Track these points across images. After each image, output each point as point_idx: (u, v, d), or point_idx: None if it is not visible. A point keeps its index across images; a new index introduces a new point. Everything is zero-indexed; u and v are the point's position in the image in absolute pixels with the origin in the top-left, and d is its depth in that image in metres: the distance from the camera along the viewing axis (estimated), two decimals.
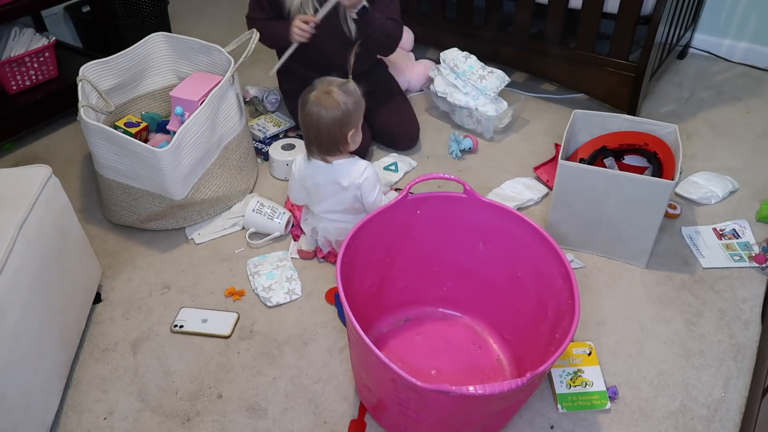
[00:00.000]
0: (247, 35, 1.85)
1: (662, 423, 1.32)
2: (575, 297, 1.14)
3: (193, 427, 1.33)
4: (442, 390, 0.98)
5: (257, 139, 2.15)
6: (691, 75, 2.51)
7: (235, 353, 1.48)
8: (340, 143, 1.51)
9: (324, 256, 1.70)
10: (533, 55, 2.28)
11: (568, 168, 1.58)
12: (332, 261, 1.70)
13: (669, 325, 1.52)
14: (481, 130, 2.18)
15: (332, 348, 1.49)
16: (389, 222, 1.34)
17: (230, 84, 1.80)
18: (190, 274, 1.69)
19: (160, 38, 1.95)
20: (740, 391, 1.37)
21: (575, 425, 1.32)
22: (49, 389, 1.30)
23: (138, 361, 1.47)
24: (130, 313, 1.59)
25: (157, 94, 2.05)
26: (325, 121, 1.46)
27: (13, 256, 1.18)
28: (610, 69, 2.14)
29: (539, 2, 2.18)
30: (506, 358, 1.42)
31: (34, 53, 2.17)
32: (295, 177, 1.63)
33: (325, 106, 1.45)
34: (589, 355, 1.42)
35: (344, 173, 1.53)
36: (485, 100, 2.10)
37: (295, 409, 1.36)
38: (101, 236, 1.82)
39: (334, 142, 1.50)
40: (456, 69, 2.13)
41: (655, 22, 1.97)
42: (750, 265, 1.66)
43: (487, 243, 1.39)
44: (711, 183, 1.91)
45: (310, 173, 1.58)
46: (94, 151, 1.69)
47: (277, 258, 1.71)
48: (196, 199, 1.75)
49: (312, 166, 1.56)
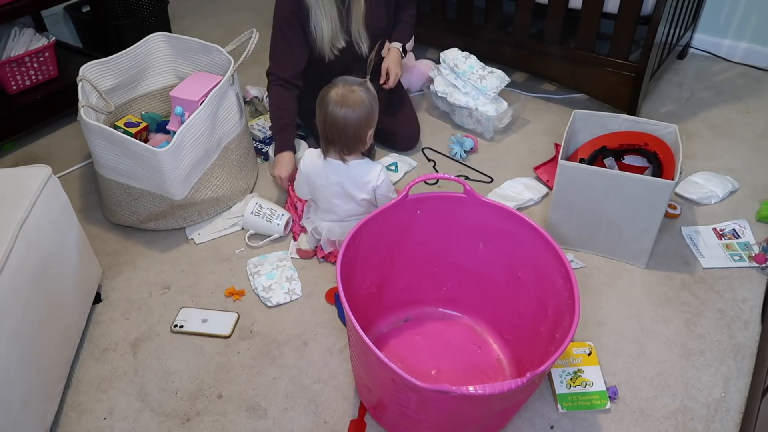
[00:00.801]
0: (246, 35, 1.85)
1: (662, 423, 1.32)
2: (575, 297, 1.14)
3: (193, 427, 1.33)
4: (442, 390, 0.98)
5: (257, 139, 2.15)
6: (691, 75, 2.51)
7: (235, 353, 1.48)
8: (360, 143, 1.52)
9: (324, 255, 1.70)
10: (533, 55, 2.28)
11: (568, 168, 1.58)
12: (332, 261, 1.70)
13: (669, 325, 1.52)
14: (481, 130, 2.18)
15: (332, 348, 1.49)
16: (389, 222, 1.34)
17: (230, 84, 1.80)
18: (190, 274, 1.69)
19: (160, 38, 1.95)
20: (740, 391, 1.37)
21: (575, 425, 1.32)
22: (49, 389, 1.30)
23: (138, 361, 1.47)
24: (130, 313, 1.59)
25: (157, 94, 2.05)
26: (351, 121, 1.46)
27: (13, 256, 1.18)
28: (610, 69, 2.14)
29: (539, 2, 2.18)
30: (506, 358, 1.42)
31: (34, 53, 2.17)
32: (302, 171, 1.62)
33: (351, 105, 1.45)
34: (589, 355, 1.42)
35: (362, 174, 1.55)
36: (485, 100, 2.10)
37: (295, 409, 1.36)
38: (101, 236, 1.82)
39: (356, 141, 1.51)
40: (456, 69, 2.13)
41: (655, 22, 1.97)
42: (750, 265, 1.66)
43: (487, 243, 1.39)
44: (711, 183, 1.91)
45: (322, 171, 1.57)
46: (94, 151, 1.69)
47: (277, 258, 1.71)
48: (196, 199, 1.75)
49: (328, 165, 1.56)
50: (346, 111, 1.45)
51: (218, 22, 3.02)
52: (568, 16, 2.16)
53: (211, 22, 3.02)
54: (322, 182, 1.59)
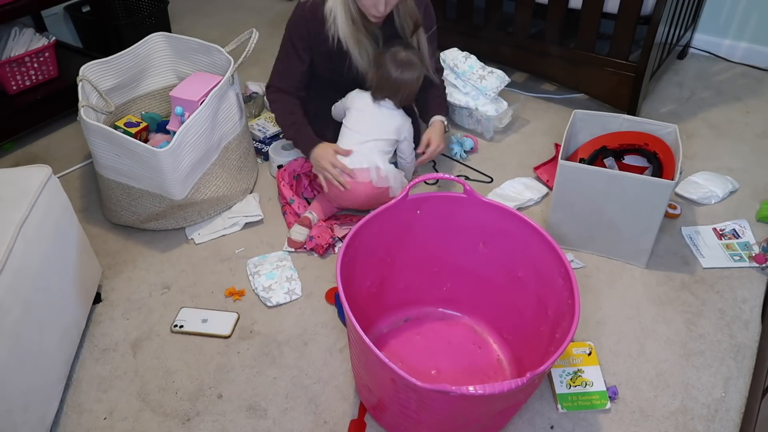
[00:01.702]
0: (246, 35, 1.85)
1: (662, 423, 1.32)
2: (575, 297, 1.14)
3: (193, 427, 1.33)
4: (442, 390, 0.98)
5: (257, 139, 2.15)
6: (691, 75, 2.51)
7: (235, 353, 1.48)
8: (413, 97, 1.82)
9: (313, 247, 1.71)
10: (533, 55, 2.28)
11: (568, 168, 1.58)
12: (320, 253, 1.71)
13: (669, 325, 1.52)
14: (481, 130, 2.18)
15: (332, 348, 1.49)
16: (390, 222, 1.34)
17: (230, 84, 1.80)
18: (190, 274, 1.69)
19: (160, 38, 1.95)
20: (740, 391, 1.37)
21: (575, 425, 1.32)
22: (49, 389, 1.31)
23: (138, 361, 1.47)
24: (130, 313, 1.59)
25: (157, 94, 2.05)
26: (418, 80, 1.76)
27: (13, 256, 1.18)
28: (610, 69, 2.14)
29: (539, 2, 2.19)
30: (506, 358, 1.42)
31: (34, 53, 2.17)
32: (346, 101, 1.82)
33: (417, 68, 1.74)
34: (589, 355, 1.42)
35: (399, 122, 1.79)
36: (485, 100, 2.10)
37: (295, 409, 1.36)
38: (101, 236, 1.82)
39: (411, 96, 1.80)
40: (456, 69, 2.13)
41: (655, 22, 1.97)
42: (750, 265, 1.66)
43: (488, 243, 1.39)
44: (711, 183, 1.91)
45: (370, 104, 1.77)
46: (94, 151, 1.70)
47: (277, 258, 1.71)
48: (196, 199, 1.75)
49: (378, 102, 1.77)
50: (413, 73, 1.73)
51: (218, 22, 3.02)
52: (568, 16, 2.16)
53: (211, 22, 3.02)
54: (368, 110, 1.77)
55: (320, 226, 1.75)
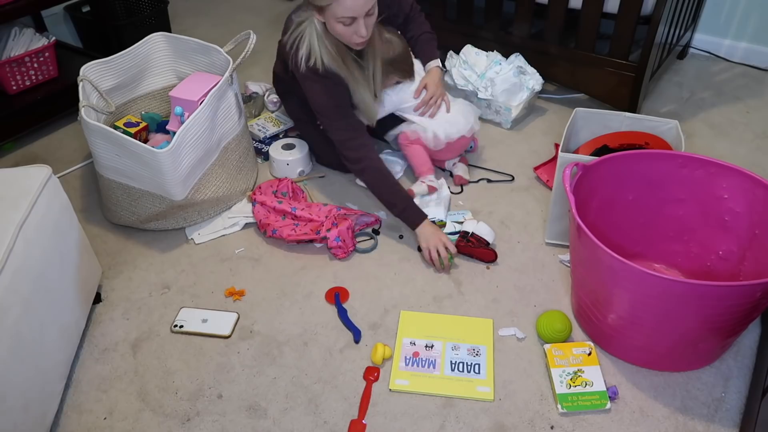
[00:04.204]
0: (243, 36, 1.85)
1: (662, 423, 1.32)
2: None
3: (193, 427, 1.33)
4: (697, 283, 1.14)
5: (257, 139, 2.15)
6: (691, 75, 2.51)
7: (235, 353, 1.48)
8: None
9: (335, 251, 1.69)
10: (533, 55, 2.28)
11: (569, 160, 1.57)
12: (341, 257, 1.70)
13: None
14: (499, 120, 2.21)
15: (332, 348, 1.49)
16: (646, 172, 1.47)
17: (229, 84, 1.80)
18: (190, 274, 1.69)
19: (159, 38, 1.95)
20: (740, 391, 1.37)
21: (575, 425, 1.32)
22: (48, 389, 1.31)
23: (138, 361, 1.47)
24: (130, 313, 1.59)
25: (157, 94, 2.05)
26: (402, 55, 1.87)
27: (13, 256, 1.18)
28: (610, 69, 2.14)
29: (539, 2, 2.19)
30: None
31: (34, 53, 2.17)
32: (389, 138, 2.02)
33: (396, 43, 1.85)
34: (589, 355, 1.42)
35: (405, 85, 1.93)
36: (502, 89, 2.13)
37: (295, 409, 1.36)
38: (101, 236, 1.82)
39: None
40: (470, 63, 2.21)
41: (655, 22, 1.97)
42: None
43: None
44: None
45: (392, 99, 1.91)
46: (95, 151, 1.70)
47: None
48: (196, 200, 1.75)
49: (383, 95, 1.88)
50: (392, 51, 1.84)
51: (218, 22, 3.02)
52: (568, 16, 2.16)
53: (211, 22, 3.02)
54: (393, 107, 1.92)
55: (346, 232, 1.71)
